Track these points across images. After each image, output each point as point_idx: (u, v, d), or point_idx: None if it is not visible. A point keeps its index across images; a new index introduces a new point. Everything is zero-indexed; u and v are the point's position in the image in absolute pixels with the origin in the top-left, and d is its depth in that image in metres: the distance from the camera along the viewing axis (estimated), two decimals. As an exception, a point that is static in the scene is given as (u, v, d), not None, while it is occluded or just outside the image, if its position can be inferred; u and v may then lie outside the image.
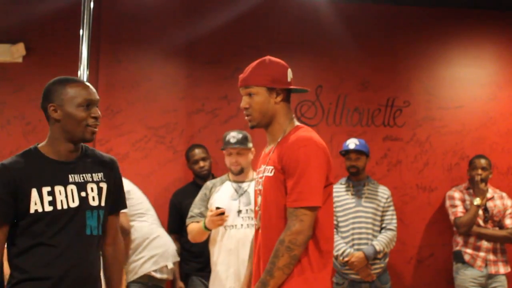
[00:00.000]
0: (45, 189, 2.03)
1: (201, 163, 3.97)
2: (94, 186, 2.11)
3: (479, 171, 4.06)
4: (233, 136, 3.23)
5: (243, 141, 3.22)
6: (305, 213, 1.98)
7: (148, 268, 3.54)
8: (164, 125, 4.37)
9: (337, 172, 3.99)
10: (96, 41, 4.19)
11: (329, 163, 2.09)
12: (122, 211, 3.25)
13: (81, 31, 3.80)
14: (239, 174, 3.24)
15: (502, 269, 4.00)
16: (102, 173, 2.15)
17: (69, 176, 2.08)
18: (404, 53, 4.66)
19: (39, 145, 2.12)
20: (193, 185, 4.01)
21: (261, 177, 2.18)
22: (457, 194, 4.12)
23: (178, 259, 3.78)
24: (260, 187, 2.18)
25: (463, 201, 4.08)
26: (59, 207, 2.04)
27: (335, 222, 3.80)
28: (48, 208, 2.02)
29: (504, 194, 4.18)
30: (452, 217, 4.06)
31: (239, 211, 3.14)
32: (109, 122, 4.26)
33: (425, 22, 4.70)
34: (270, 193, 2.10)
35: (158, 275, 3.59)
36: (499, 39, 4.77)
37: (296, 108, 4.48)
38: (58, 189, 2.04)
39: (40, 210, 2.01)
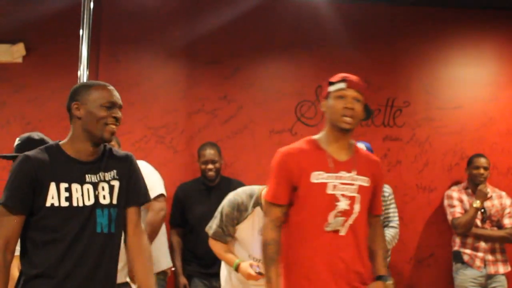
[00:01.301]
0: (63, 185, 2.06)
1: (210, 165, 3.93)
2: (106, 185, 2.15)
3: (481, 171, 4.06)
4: None
5: None
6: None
7: (168, 263, 3.49)
8: (164, 125, 4.37)
9: (337, 172, 3.99)
10: (96, 41, 4.19)
11: None
12: (164, 194, 3.30)
13: (81, 31, 3.80)
14: None
15: (502, 268, 4.00)
16: (115, 171, 2.19)
17: (86, 176, 2.12)
18: (404, 53, 4.65)
19: (61, 143, 2.15)
20: (199, 182, 4.00)
21: (344, 183, 2.34)
22: (455, 194, 4.12)
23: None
24: (350, 193, 2.34)
25: (461, 201, 4.07)
26: (74, 204, 2.07)
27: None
28: (64, 204, 2.05)
29: (503, 193, 4.17)
30: (450, 217, 4.07)
31: None
32: (109, 122, 4.26)
33: (425, 22, 4.70)
34: (365, 202, 2.38)
35: (169, 271, 3.56)
36: (499, 39, 4.77)
37: (296, 108, 4.48)
38: (75, 187, 2.08)
39: (56, 204, 2.04)
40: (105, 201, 2.13)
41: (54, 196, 2.04)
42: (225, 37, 4.49)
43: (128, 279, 3.34)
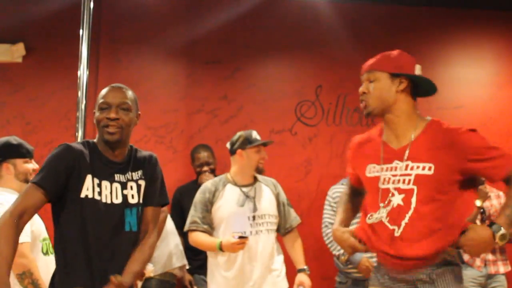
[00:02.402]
0: (96, 180, 2.09)
1: (205, 167, 3.94)
2: (134, 184, 2.19)
3: None
4: (256, 133, 3.27)
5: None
6: None
7: (173, 263, 3.44)
8: (164, 125, 4.37)
9: (337, 172, 3.99)
10: (96, 41, 4.19)
11: None
12: None
13: (81, 31, 3.80)
14: (261, 173, 3.25)
15: (502, 268, 3.98)
16: (141, 171, 2.25)
17: (115, 175, 2.15)
18: (404, 53, 4.65)
19: (95, 141, 2.20)
20: (196, 184, 4.01)
21: (395, 175, 2.07)
22: None
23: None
24: (403, 186, 2.04)
25: None
26: (103, 200, 2.08)
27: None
28: (97, 197, 2.07)
29: (501, 193, 4.13)
30: None
31: (248, 217, 3.11)
32: (109, 122, 4.27)
33: (425, 22, 4.70)
34: (434, 190, 2.00)
35: (179, 273, 3.53)
36: (499, 39, 4.77)
37: (296, 108, 4.48)
38: (105, 184, 2.10)
39: (90, 196, 2.06)
40: (133, 200, 2.16)
41: (89, 188, 2.06)
42: (225, 37, 4.49)
43: None
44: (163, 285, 3.39)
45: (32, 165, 2.80)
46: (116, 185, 2.13)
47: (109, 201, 2.09)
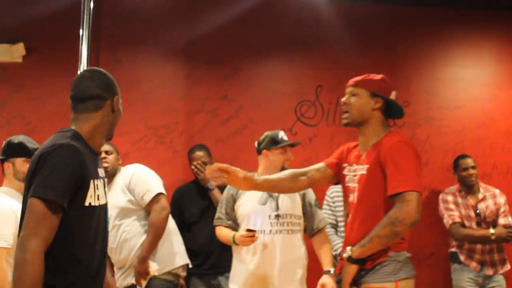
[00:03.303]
0: (95, 182, 1.92)
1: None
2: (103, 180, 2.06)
3: (471, 171, 4.03)
4: (283, 134, 3.27)
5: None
6: (411, 194, 2.18)
7: (177, 262, 3.43)
8: (164, 125, 4.38)
9: (337, 172, 3.98)
10: (96, 41, 4.19)
11: (421, 159, 2.36)
12: (165, 193, 3.30)
13: (81, 31, 3.80)
14: None
15: (500, 268, 3.96)
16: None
17: (98, 170, 2.00)
18: (404, 53, 4.66)
19: (77, 130, 1.96)
20: (195, 184, 4.01)
21: (354, 175, 2.39)
22: (450, 198, 4.06)
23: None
24: (354, 184, 2.38)
25: (456, 204, 4.02)
26: (101, 202, 1.96)
27: (333, 222, 3.80)
28: (96, 203, 1.92)
29: (496, 192, 4.10)
30: (449, 221, 3.97)
31: (269, 216, 3.11)
32: (109, 122, 4.26)
33: (425, 22, 4.70)
34: (364, 188, 2.30)
35: (182, 273, 3.51)
36: (499, 39, 4.77)
37: (296, 108, 4.48)
38: (96, 183, 1.94)
39: (93, 203, 1.89)
40: (106, 197, 2.05)
41: (92, 195, 1.89)
42: (225, 37, 4.49)
43: (133, 281, 3.34)
44: (167, 285, 3.38)
45: None
46: (101, 182, 1.99)
47: (102, 202, 1.97)
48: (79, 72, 3.76)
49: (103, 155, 3.48)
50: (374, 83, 2.43)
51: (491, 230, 3.89)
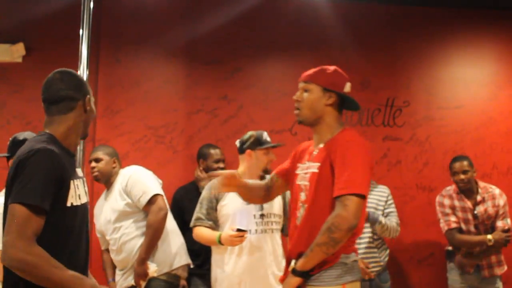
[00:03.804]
0: (75, 182, 1.94)
1: (221, 164, 3.97)
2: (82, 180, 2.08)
3: (461, 176, 3.89)
4: (267, 135, 3.27)
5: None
6: (349, 199, 2.06)
7: (177, 263, 3.42)
8: (164, 125, 4.38)
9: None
10: (96, 41, 4.19)
11: (372, 159, 2.25)
12: (162, 194, 3.30)
13: (81, 31, 3.80)
14: (268, 173, 3.26)
15: (497, 270, 3.89)
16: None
17: (76, 170, 2.02)
18: (404, 53, 4.66)
19: (52, 132, 1.99)
20: (195, 184, 4.02)
21: (305, 173, 2.30)
22: (447, 201, 3.96)
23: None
24: (305, 182, 2.28)
25: (453, 208, 3.93)
26: (83, 200, 1.99)
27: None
28: (77, 202, 1.94)
29: (496, 192, 3.96)
30: (445, 227, 3.91)
31: (254, 216, 3.11)
32: (109, 122, 4.26)
33: (425, 22, 4.70)
34: (316, 188, 2.20)
35: (182, 274, 3.49)
36: (499, 39, 4.77)
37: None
38: (76, 183, 1.96)
39: (75, 203, 1.92)
40: (87, 196, 2.07)
41: (74, 195, 1.91)
42: (225, 37, 4.49)
43: (133, 282, 3.34)
44: (166, 286, 3.37)
45: None
46: (81, 182, 2.01)
47: (83, 201, 1.99)
48: (79, 72, 3.77)
49: (92, 164, 3.49)
50: (326, 77, 2.32)
51: (489, 236, 3.80)
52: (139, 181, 3.37)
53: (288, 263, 2.25)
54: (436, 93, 4.65)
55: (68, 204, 1.89)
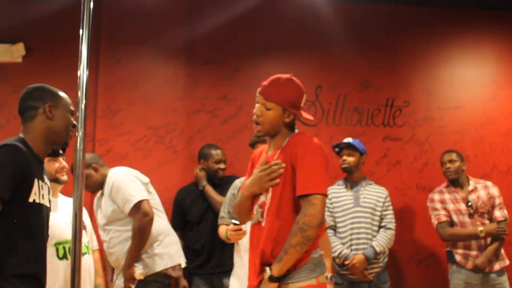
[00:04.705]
0: (39, 182, 2.08)
1: (222, 165, 3.99)
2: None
3: (447, 165, 3.95)
4: None
5: None
6: (316, 198, 2.18)
7: (165, 264, 3.42)
8: (164, 125, 4.38)
9: (336, 172, 3.99)
10: (96, 41, 4.19)
11: (328, 160, 2.36)
12: (146, 198, 3.31)
13: (81, 31, 3.79)
14: None
15: (497, 265, 3.86)
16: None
17: (43, 175, 2.16)
18: (403, 53, 4.66)
19: (22, 136, 2.16)
20: (197, 185, 4.02)
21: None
22: (436, 196, 4.00)
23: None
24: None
25: (442, 202, 3.95)
26: (46, 203, 2.12)
27: (332, 223, 3.80)
28: (41, 201, 2.08)
29: (488, 183, 4.00)
30: (435, 222, 3.94)
31: None
32: (109, 122, 4.27)
33: (425, 22, 4.70)
34: (283, 187, 2.28)
35: (173, 273, 3.50)
36: (499, 39, 4.77)
37: (296, 108, 4.48)
38: (41, 183, 2.10)
39: (37, 201, 2.05)
40: (50, 203, 2.21)
41: (37, 193, 2.04)
42: (225, 37, 4.50)
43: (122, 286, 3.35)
44: (156, 285, 3.38)
45: (58, 164, 2.89)
46: (46, 187, 2.16)
47: (47, 204, 2.13)
48: (79, 72, 3.77)
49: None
50: (288, 97, 2.45)
51: (480, 228, 3.80)
52: (121, 189, 3.36)
53: (259, 266, 2.26)
54: (436, 93, 4.65)
55: (30, 200, 2.01)
